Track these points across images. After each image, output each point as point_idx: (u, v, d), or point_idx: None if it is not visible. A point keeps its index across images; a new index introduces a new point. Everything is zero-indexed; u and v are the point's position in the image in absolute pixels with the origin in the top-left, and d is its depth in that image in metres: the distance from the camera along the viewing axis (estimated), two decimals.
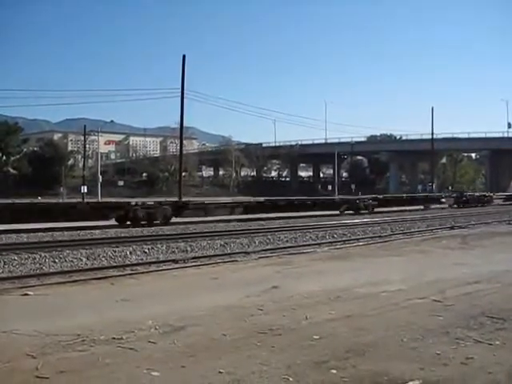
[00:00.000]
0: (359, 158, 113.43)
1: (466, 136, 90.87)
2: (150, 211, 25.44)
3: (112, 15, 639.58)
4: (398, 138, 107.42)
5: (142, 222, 24.51)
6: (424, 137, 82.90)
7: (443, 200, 48.17)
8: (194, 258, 13.98)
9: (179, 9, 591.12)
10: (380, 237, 19.70)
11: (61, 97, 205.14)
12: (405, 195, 55.45)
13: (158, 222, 25.25)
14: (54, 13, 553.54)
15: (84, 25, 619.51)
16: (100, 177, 61.36)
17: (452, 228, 23.16)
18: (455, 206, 46.23)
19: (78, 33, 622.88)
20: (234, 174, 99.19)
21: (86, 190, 56.60)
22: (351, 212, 35.43)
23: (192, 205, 29.84)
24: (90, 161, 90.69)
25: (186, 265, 12.51)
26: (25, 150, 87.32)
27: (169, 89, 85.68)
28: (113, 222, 24.57)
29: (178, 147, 49.26)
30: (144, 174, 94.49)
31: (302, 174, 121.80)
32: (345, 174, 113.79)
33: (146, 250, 15.11)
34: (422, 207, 43.68)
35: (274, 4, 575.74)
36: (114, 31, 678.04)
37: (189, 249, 15.82)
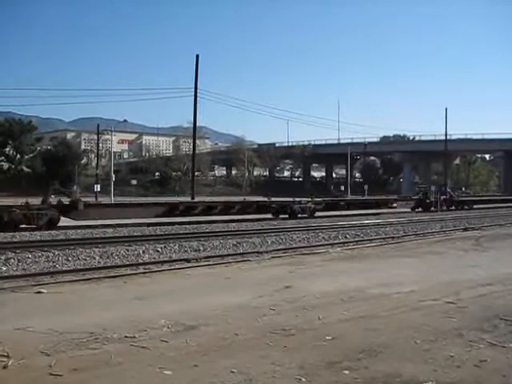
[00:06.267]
0: (372, 158, 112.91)
1: (480, 137, 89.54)
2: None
3: (124, 14, 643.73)
4: (411, 138, 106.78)
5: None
6: (437, 138, 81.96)
7: None
8: (206, 257, 14.02)
9: (193, 7, 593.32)
10: (393, 238, 19.62)
11: (74, 96, 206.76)
12: None
13: (306, 215, 31.54)
14: (65, 11, 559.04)
15: (96, 23, 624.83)
16: (113, 176, 61.44)
17: (466, 229, 23.00)
18: None
19: (90, 31, 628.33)
20: (247, 174, 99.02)
21: (99, 189, 56.78)
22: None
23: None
24: (103, 160, 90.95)
25: (199, 264, 12.54)
26: (38, 148, 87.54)
27: (182, 88, 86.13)
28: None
29: (191, 146, 49.31)
30: (157, 173, 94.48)
31: (315, 174, 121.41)
32: (358, 175, 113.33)
33: (159, 249, 15.16)
34: None
35: (288, 2, 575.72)
36: (127, 30, 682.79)
37: (201, 248, 15.86)
